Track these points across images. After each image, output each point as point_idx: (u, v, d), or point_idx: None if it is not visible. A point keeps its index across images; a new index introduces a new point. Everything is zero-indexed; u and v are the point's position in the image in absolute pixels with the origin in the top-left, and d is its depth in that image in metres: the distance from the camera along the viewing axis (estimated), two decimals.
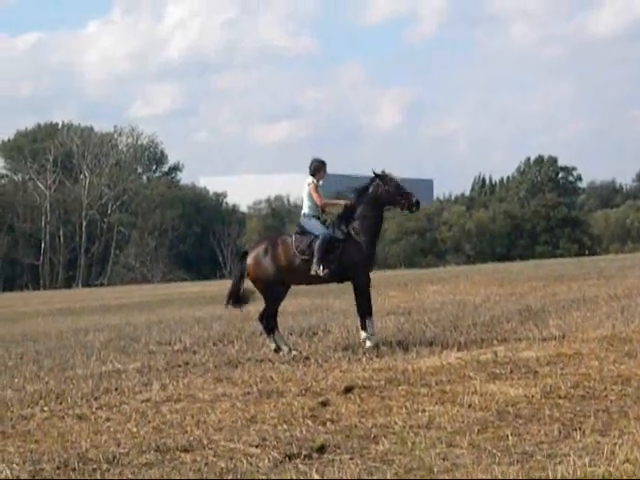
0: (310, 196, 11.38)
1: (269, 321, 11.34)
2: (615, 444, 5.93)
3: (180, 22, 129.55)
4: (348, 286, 11.73)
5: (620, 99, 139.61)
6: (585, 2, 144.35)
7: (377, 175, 11.40)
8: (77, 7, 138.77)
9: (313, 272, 11.04)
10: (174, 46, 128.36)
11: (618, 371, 8.56)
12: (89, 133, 77.30)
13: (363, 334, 11.14)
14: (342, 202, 11.54)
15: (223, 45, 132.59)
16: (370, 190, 11.36)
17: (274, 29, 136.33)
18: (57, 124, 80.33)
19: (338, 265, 11.09)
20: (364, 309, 11.19)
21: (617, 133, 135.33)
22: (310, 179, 11.44)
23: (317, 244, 11.04)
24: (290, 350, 11.02)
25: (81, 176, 73.46)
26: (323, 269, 11.00)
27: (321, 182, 11.50)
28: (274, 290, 11.34)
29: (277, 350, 11.08)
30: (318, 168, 11.47)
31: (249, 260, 11.39)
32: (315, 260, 11.02)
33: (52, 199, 71.35)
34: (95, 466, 6.20)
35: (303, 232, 11.31)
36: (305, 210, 11.45)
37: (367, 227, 11.27)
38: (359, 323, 11.33)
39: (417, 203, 11.44)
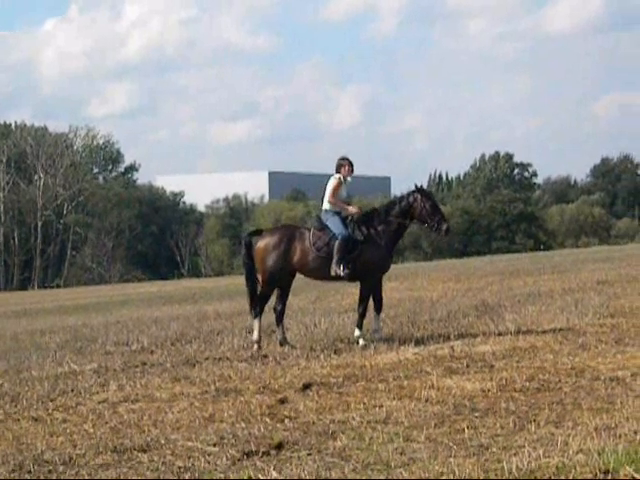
0: (333, 192, 11.32)
1: (258, 304, 11.39)
2: (569, 435, 6.02)
3: (138, 20, 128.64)
4: (307, 284, 11.75)
5: (576, 95, 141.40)
6: None
7: (419, 189, 11.47)
8: (34, 5, 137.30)
9: (333, 273, 11.05)
10: (132, 44, 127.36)
11: (572, 363, 8.68)
12: (43, 133, 76.31)
13: (357, 332, 11.16)
14: (350, 208, 11.40)
15: (181, 43, 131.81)
16: (407, 200, 11.37)
17: (233, 27, 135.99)
18: (10, 125, 79.30)
19: (355, 265, 11.09)
20: (364, 309, 11.23)
21: (572, 129, 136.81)
22: (337, 175, 11.41)
23: (337, 244, 11.02)
24: (257, 342, 11.15)
25: (36, 177, 72.46)
26: (344, 269, 11.00)
27: (349, 179, 11.50)
28: (275, 279, 11.35)
29: (282, 343, 11.18)
30: (340, 165, 11.45)
31: (261, 244, 11.35)
32: (335, 260, 11.02)
33: (6, 200, 70.34)
34: (51, 468, 6.16)
35: (321, 228, 11.28)
36: (326, 206, 11.36)
37: (389, 232, 11.28)
38: (371, 320, 11.28)
39: (447, 230, 11.44)
